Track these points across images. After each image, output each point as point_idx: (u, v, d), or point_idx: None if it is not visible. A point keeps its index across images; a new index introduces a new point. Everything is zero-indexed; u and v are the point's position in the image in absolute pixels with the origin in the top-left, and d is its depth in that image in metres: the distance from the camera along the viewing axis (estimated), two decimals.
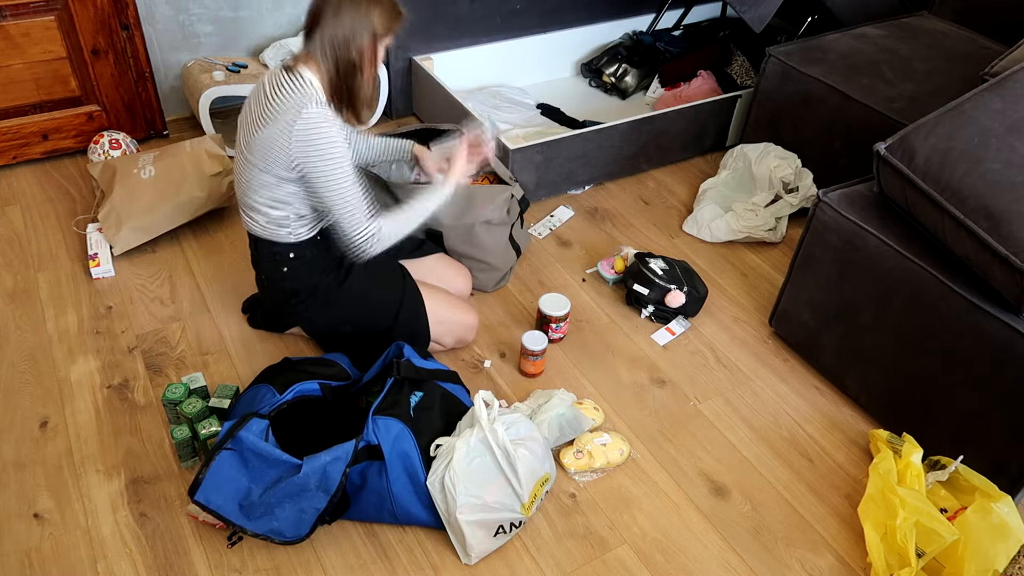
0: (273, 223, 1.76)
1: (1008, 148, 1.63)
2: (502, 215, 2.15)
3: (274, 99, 1.64)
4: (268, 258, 1.82)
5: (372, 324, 1.90)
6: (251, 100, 1.72)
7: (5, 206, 2.46)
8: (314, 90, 1.64)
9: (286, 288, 1.84)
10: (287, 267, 1.81)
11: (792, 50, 2.58)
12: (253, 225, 1.79)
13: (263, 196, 1.72)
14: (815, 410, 2.00)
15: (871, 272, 1.84)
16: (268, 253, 1.81)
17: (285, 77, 1.65)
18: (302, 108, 1.61)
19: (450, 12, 2.84)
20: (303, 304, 1.86)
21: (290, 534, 1.55)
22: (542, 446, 1.69)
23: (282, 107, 1.63)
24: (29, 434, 1.81)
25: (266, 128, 1.64)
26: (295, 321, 1.98)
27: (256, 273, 1.90)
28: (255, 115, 1.68)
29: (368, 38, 1.63)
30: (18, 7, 2.35)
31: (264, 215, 1.75)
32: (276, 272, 1.82)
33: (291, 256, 1.80)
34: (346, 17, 1.60)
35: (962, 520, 1.58)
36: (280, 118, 1.63)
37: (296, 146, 1.62)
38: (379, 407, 1.62)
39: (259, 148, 1.66)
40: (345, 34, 1.62)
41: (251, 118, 1.69)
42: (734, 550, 1.69)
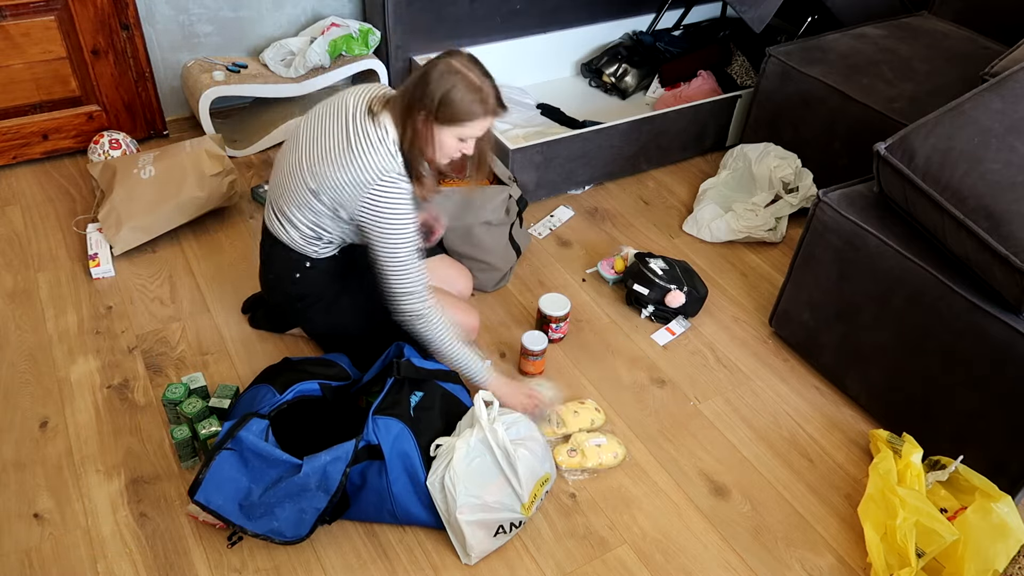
0: (303, 239, 1.76)
1: (1008, 148, 1.63)
2: (501, 215, 2.15)
3: (357, 146, 1.60)
4: (283, 261, 1.81)
5: (373, 327, 1.90)
6: (326, 123, 1.66)
7: (5, 206, 2.46)
8: (394, 153, 1.60)
9: (292, 292, 1.84)
10: (300, 273, 1.81)
11: (792, 50, 2.58)
12: (283, 234, 1.77)
13: (306, 217, 1.72)
14: (815, 410, 2.00)
15: (871, 272, 1.84)
16: (284, 256, 1.80)
17: (372, 125, 1.60)
18: (383, 174, 1.58)
19: (450, 12, 2.84)
20: (307, 307, 1.86)
21: (290, 534, 1.55)
22: (542, 446, 1.69)
23: (364, 163, 1.59)
24: (29, 434, 1.81)
25: (341, 172, 1.61)
26: (296, 322, 1.98)
27: (263, 270, 1.90)
28: (329, 147, 1.63)
29: (425, 112, 1.56)
30: (18, 7, 2.35)
31: (298, 231, 1.75)
32: (287, 275, 1.82)
33: (307, 265, 1.80)
34: (420, 84, 1.54)
35: (962, 520, 1.58)
36: (358, 172, 1.60)
37: (365, 207, 1.61)
38: (379, 407, 1.62)
39: (325, 183, 1.63)
40: (414, 95, 1.56)
41: (322, 146, 1.64)
42: (734, 550, 1.69)
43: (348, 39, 2.72)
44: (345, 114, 1.65)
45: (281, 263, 1.82)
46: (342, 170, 1.62)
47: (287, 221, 1.76)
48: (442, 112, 1.56)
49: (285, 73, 2.69)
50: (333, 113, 1.68)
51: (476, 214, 2.11)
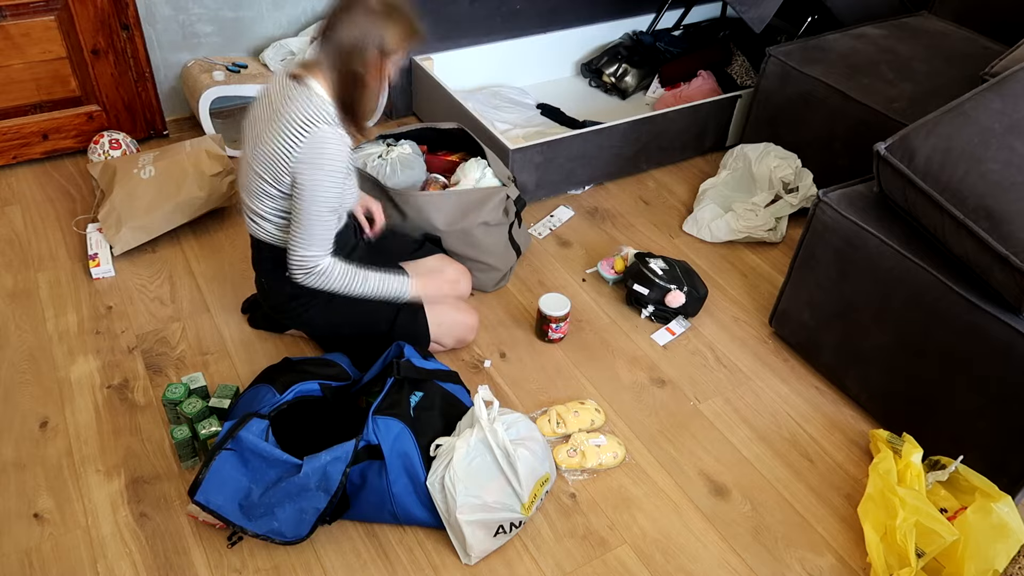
0: (280, 230, 1.76)
1: (1008, 148, 1.63)
2: (499, 216, 2.15)
3: (283, 112, 1.62)
4: (270, 262, 1.82)
5: (371, 326, 1.90)
6: (257, 109, 1.71)
7: (5, 206, 2.46)
8: (323, 103, 1.62)
9: (286, 292, 1.84)
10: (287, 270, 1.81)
11: (792, 50, 2.58)
12: (258, 230, 1.79)
13: (268, 206, 1.73)
14: (815, 410, 2.00)
15: (871, 272, 1.84)
16: (270, 257, 1.81)
17: (293, 87, 1.63)
18: (312, 124, 1.60)
19: (450, 12, 2.84)
20: (303, 307, 1.86)
21: (290, 534, 1.55)
22: (542, 446, 1.69)
23: (291, 121, 1.61)
24: (29, 434, 1.81)
25: (273, 142, 1.63)
26: (294, 324, 1.98)
27: (256, 275, 1.90)
28: (262, 126, 1.66)
29: (376, 51, 1.60)
30: (18, 7, 2.35)
31: (271, 223, 1.76)
32: (277, 276, 1.82)
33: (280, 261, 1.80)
34: (357, 27, 1.58)
35: (962, 520, 1.58)
36: (288, 133, 1.61)
37: (298, 159, 1.62)
38: (379, 407, 1.62)
39: (265, 161, 1.65)
40: (354, 43, 1.59)
41: (258, 128, 1.68)
42: (734, 550, 1.69)
43: None
44: (267, 93, 1.69)
45: (269, 265, 1.82)
46: (276, 138, 1.63)
47: (257, 216, 1.76)
48: (390, 45, 1.60)
49: None
50: (263, 96, 1.71)
51: (474, 215, 2.11)
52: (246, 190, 1.76)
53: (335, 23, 1.59)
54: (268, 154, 1.65)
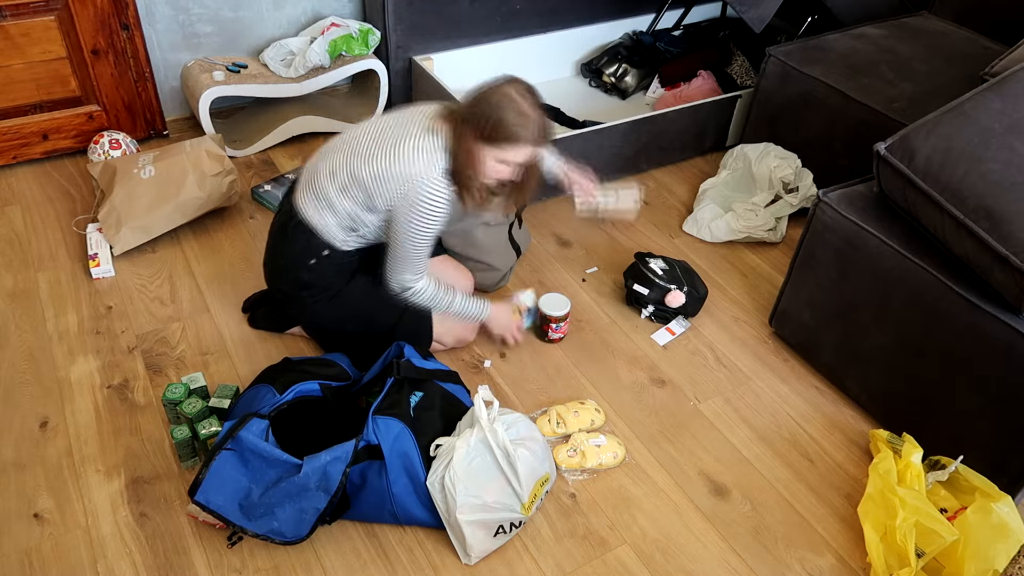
0: (338, 226, 1.78)
1: (1008, 148, 1.63)
2: (499, 216, 2.15)
3: (408, 145, 1.67)
4: (303, 243, 1.80)
5: (375, 323, 1.90)
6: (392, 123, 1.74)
7: (5, 206, 2.46)
8: (441, 158, 1.67)
9: (303, 279, 1.84)
10: (316, 259, 1.81)
11: (792, 50, 2.58)
12: (314, 214, 1.78)
13: (347, 208, 1.75)
14: (815, 410, 2.00)
15: (871, 272, 1.84)
16: (306, 239, 1.80)
17: (427, 130, 1.68)
18: (428, 173, 1.65)
19: (450, 12, 2.84)
20: (312, 298, 1.86)
21: (290, 534, 1.55)
22: (542, 446, 1.69)
23: (411, 159, 1.66)
24: (29, 434, 1.81)
25: (387, 165, 1.67)
26: (299, 314, 1.97)
27: (274, 252, 1.88)
28: (385, 137, 1.70)
29: (472, 132, 1.64)
30: (18, 7, 2.35)
31: (336, 217, 1.77)
32: (303, 260, 1.81)
33: (325, 253, 1.80)
34: (476, 103, 1.64)
35: (962, 520, 1.58)
36: (404, 167, 1.66)
37: (400, 200, 1.68)
38: (379, 407, 1.62)
39: (370, 172, 1.69)
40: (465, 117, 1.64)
41: (382, 136, 1.71)
42: (734, 550, 1.69)
43: (348, 39, 2.72)
44: (410, 117, 1.73)
45: (301, 245, 1.81)
46: (393, 163, 1.67)
47: (326, 205, 1.76)
48: (488, 132, 1.62)
49: (285, 73, 2.69)
50: (400, 117, 1.75)
51: (474, 215, 2.11)
52: (329, 178, 1.75)
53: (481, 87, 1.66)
54: (377, 173, 1.68)
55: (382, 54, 2.84)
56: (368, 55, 2.78)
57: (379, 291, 1.88)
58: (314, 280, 1.83)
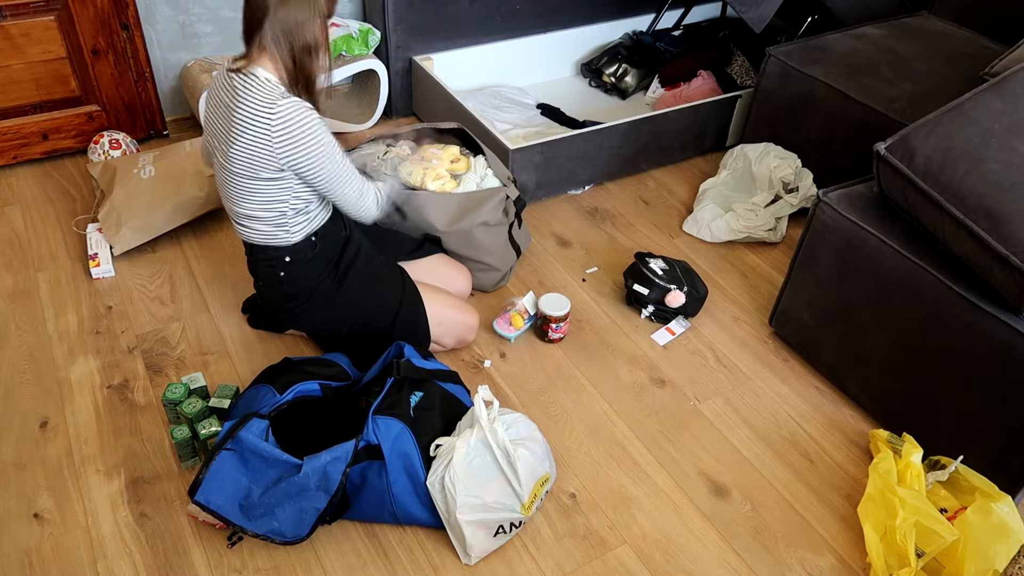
0: (271, 225, 1.75)
1: (1008, 148, 1.63)
2: (499, 216, 2.15)
3: (238, 107, 1.62)
4: (264, 264, 1.82)
5: (371, 325, 1.90)
6: (211, 114, 1.72)
7: (5, 206, 2.46)
8: (272, 84, 1.63)
9: (284, 292, 1.84)
10: (284, 271, 1.81)
11: (792, 50, 2.58)
12: (249, 233, 1.78)
13: (254, 202, 1.72)
14: (815, 410, 2.00)
15: (871, 272, 1.84)
16: (264, 259, 1.81)
17: (240, 81, 1.64)
18: (272, 105, 1.60)
19: (450, 12, 2.84)
20: (301, 307, 1.86)
21: (290, 534, 1.55)
22: (542, 446, 1.69)
23: (250, 112, 1.61)
24: (29, 434, 1.81)
25: (241, 137, 1.62)
26: (294, 324, 1.98)
27: (254, 280, 1.91)
28: (224, 128, 1.66)
29: (319, 21, 1.64)
30: (18, 7, 2.36)
31: (259, 220, 1.74)
32: (273, 278, 1.82)
33: (287, 260, 1.80)
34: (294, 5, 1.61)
35: (962, 520, 1.58)
36: (253, 123, 1.61)
37: (279, 145, 1.61)
38: (379, 407, 1.62)
39: (239, 158, 1.65)
40: (297, 20, 1.62)
41: (220, 131, 1.68)
42: (734, 550, 1.69)
43: (348, 39, 2.72)
44: (215, 95, 1.72)
45: (264, 267, 1.82)
46: (243, 133, 1.62)
47: (246, 219, 1.75)
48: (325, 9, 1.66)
49: None
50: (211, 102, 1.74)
51: (474, 215, 2.11)
52: (229, 198, 1.74)
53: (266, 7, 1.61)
54: (242, 151, 1.64)
55: (382, 54, 2.84)
56: (368, 55, 2.78)
57: (373, 293, 1.88)
58: (294, 289, 1.83)
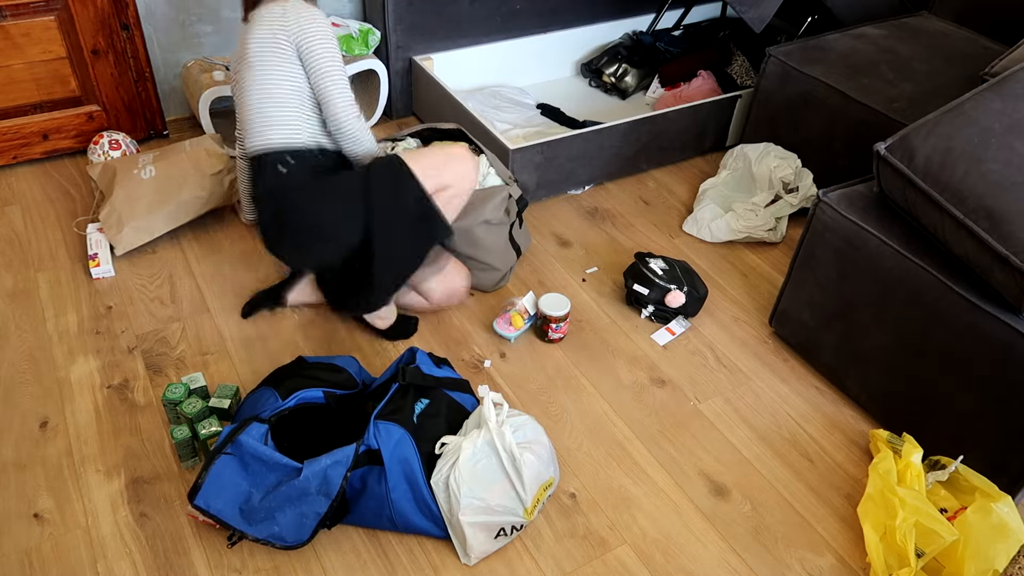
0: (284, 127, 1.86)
1: (1008, 148, 1.63)
2: (500, 215, 2.15)
3: (262, 28, 1.82)
4: (272, 166, 1.86)
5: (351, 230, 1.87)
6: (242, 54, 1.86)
7: (5, 206, 2.46)
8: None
9: (285, 185, 1.86)
10: (286, 168, 1.85)
11: (792, 50, 2.58)
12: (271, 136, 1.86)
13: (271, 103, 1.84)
14: (815, 410, 2.01)
15: (871, 272, 1.84)
16: (273, 161, 1.86)
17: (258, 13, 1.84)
18: (286, 4, 1.81)
19: (450, 12, 2.84)
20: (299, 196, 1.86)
21: (291, 539, 1.54)
22: (548, 450, 1.69)
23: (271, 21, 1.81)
24: (29, 434, 1.81)
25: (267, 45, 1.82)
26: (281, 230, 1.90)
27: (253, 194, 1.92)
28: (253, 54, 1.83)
29: None
30: (18, 7, 2.35)
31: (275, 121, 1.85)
32: (276, 174, 1.86)
33: (291, 160, 1.86)
34: None
35: (962, 520, 1.58)
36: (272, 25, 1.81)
37: (293, 26, 1.81)
38: (381, 412, 1.61)
39: (265, 58, 1.82)
40: None
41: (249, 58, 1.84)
42: (734, 550, 1.69)
43: (348, 39, 2.72)
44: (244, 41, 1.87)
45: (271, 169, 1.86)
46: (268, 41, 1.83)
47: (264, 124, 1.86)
48: None
49: None
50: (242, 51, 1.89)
51: (476, 214, 2.11)
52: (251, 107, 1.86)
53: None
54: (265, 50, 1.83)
55: (382, 54, 2.84)
56: (368, 55, 2.78)
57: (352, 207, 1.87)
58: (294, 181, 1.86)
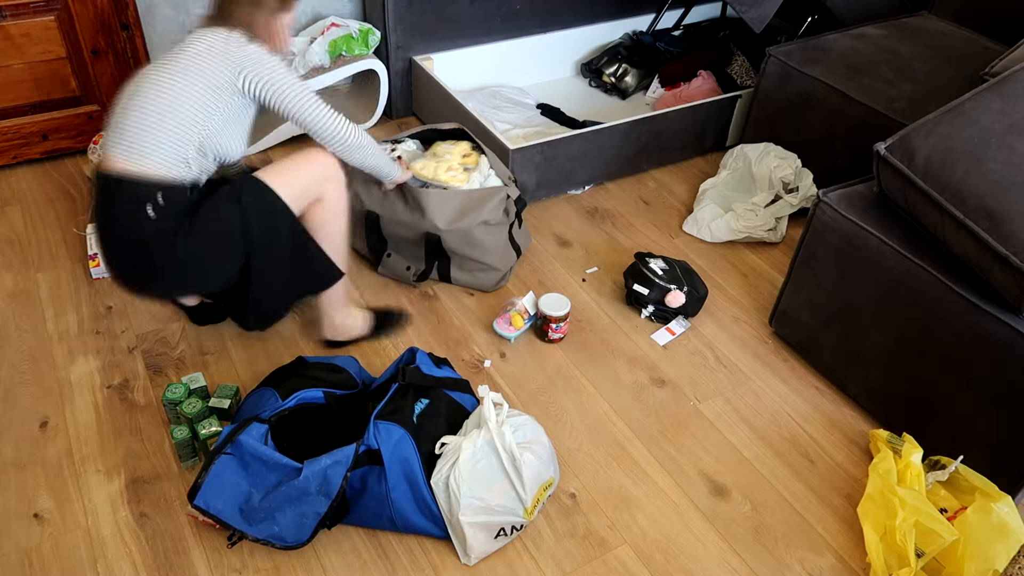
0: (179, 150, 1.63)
1: (1008, 148, 1.63)
2: (499, 216, 2.15)
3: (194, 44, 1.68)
4: (138, 204, 1.60)
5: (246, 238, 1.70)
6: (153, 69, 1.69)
7: (5, 206, 2.46)
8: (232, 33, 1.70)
9: (146, 235, 1.62)
10: (155, 212, 1.61)
11: (792, 50, 2.58)
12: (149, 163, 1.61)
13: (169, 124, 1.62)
14: (815, 410, 2.00)
15: (871, 272, 1.84)
16: (141, 198, 1.60)
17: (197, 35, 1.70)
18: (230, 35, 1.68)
19: (450, 12, 2.84)
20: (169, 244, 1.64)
21: (291, 539, 1.54)
22: (548, 450, 1.69)
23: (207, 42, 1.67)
24: (29, 434, 1.81)
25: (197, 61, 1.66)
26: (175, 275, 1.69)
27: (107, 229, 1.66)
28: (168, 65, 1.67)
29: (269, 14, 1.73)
30: (18, 7, 2.35)
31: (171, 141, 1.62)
32: (142, 217, 1.61)
33: (159, 198, 1.61)
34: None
35: (962, 520, 1.58)
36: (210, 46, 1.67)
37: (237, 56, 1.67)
38: (381, 412, 1.61)
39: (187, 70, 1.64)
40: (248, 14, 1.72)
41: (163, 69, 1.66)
42: (734, 550, 1.69)
43: (348, 39, 2.72)
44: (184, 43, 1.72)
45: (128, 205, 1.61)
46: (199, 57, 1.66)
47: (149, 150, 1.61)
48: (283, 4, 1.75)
49: None
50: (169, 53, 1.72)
51: (475, 215, 2.11)
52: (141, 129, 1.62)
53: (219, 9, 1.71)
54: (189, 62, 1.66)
55: (382, 54, 2.84)
56: (368, 55, 2.78)
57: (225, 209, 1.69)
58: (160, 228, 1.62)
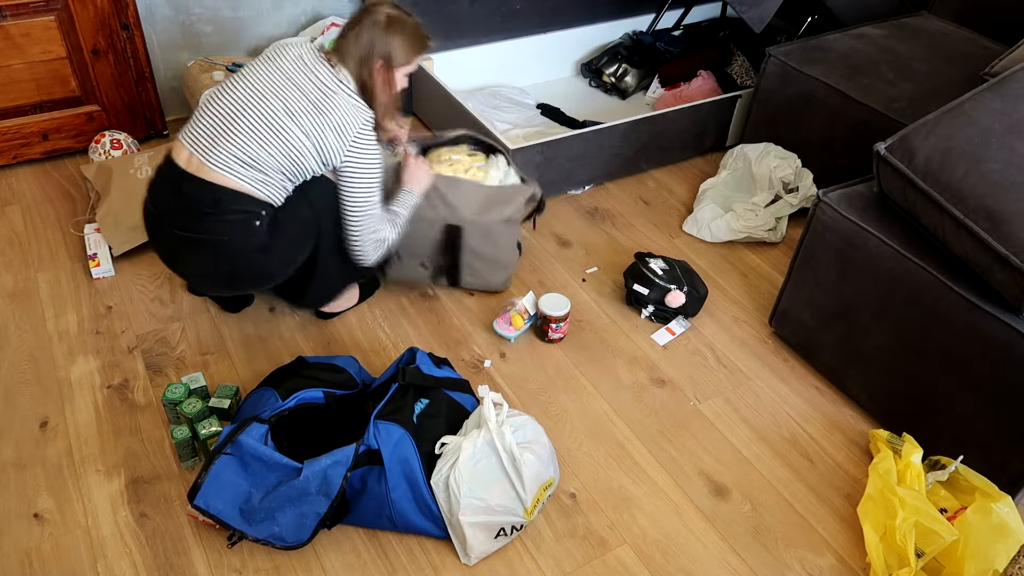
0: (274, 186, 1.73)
1: (1008, 148, 1.63)
2: (521, 214, 2.14)
3: (329, 109, 1.71)
4: (241, 216, 1.70)
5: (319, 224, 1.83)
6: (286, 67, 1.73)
7: (5, 206, 2.46)
8: (364, 108, 1.76)
9: (252, 245, 1.73)
10: (259, 222, 1.72)
11: (792, 50, 2.58)
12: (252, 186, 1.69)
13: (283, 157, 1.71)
14: (815, 410, 2.00)
15: (871, 272, 1.84)
16: (241, 211, 1.69)
17: (329, 69, 1.73)
18: (358, 118, 1.73)
19: (450, 12, 2.84)
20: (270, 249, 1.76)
21: (291, 539, 1.54)
22: (548, 450, 1.69)
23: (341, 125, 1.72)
24: (29, 434, 1.81)
25: (324, 137, 1.71)
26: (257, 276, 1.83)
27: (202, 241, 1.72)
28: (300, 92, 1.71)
29: (381, 62, 1.74)
30: (18, 7, 2.35)
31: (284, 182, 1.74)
32: (249, 230, 1.71)
33: (263, 212, 1.72)
34: (365, 38, 1.72)
35: (962, 520, 1.58)
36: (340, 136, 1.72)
37: (350, 154, 1.75)
38: (381, 412, 1.61)
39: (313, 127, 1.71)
40: (362, 55, 1.73)
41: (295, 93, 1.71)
42: (734, 550, 1.69)
43: None
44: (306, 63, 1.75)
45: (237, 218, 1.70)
46: (325, 135, 1.72)
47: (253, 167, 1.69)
48: (397, 58, 1.76)
49: None
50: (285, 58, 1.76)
51: (499, 209, 2.07)
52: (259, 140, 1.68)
53: (347, 33, 1.73)
54: (318, 143, 1.72)
55: None
56: None
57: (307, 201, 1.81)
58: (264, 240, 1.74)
